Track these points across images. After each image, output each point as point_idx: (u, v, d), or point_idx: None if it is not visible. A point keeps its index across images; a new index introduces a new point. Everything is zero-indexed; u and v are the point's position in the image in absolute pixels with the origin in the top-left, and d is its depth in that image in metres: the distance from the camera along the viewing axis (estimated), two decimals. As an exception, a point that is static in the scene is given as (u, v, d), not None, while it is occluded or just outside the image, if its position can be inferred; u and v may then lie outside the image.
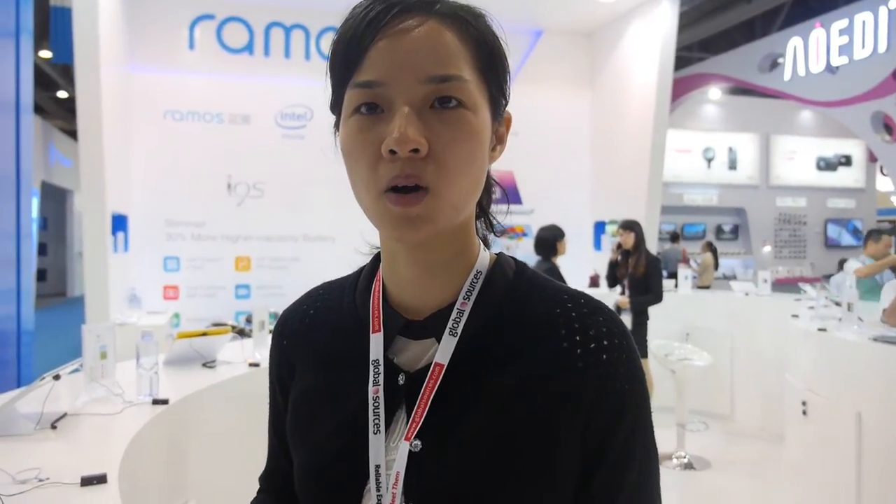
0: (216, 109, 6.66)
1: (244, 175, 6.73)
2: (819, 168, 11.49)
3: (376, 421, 0.67)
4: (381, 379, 0.69)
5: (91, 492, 1.15)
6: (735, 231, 11.37)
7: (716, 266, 9.66)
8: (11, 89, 3.50)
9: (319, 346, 0.76)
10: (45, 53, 9.79)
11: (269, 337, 2.68)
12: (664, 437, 4.62)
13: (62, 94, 13.53)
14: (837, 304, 3.89)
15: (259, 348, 2.62)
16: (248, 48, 6.77)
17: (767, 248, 11.23)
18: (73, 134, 14.82)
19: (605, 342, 0.67)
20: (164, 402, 1.77)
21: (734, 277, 9.98)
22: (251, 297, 6.81)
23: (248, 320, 6.52)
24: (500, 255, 0.75)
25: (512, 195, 5.88)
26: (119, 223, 5.80)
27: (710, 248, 10.10)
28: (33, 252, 3.74)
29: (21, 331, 3.50)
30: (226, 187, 6.72)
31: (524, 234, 7.52)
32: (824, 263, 10.98)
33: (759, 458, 4.72)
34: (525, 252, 7.51)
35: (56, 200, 16.27)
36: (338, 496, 0.68)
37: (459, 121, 0.62)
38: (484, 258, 0.73)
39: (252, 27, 6.74)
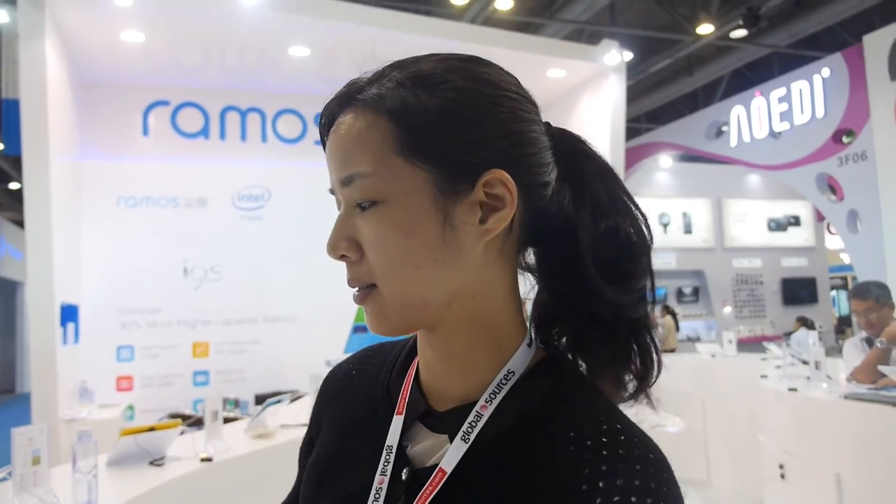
0: (171, 194, 6.58)
1: (201, 258, 6.60)
2: (770, 229, 11.81)
3: None
4: (389, 469, 0.64)
5: None
6: (695, 293, 11.51)
7: (677, 328, 9.70)
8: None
9: (347, 412, 0.74)
10: (-3, 145, 9.65)
11: (224, 428, 2.51)
12: (643, 510, 4.48)
13: (14, 186, 13.31)
14: (803, 361, 3.89)
15: (212, 440, 2.46)
16: (204, 132, 6.76)
17: (728, 309, 11.36)
18: (23, 225, 14.49)
19: (634, 499, 0.53)
20: (104, 508, 1.62)
21: (698, 339, 10.03)
22: (210, 383, 6.56)
23: (207, 409, 6.26)
24: (550, 354, 0.66)
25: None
26: (69, 314, 5.57)
27: (669, 311, 10.16)
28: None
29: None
30: (182, 272, 6.57)
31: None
32: (784, 321, 11.13)
33: (740, 525, 4.61)
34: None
35: (5, 293, 15.76)
36: None
37: (376, 218, 0.59)
38: (523, 355, 0.64)
39: (207, 112, 6.75)
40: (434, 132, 0.59)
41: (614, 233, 0.63)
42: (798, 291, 11.80)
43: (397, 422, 0.66)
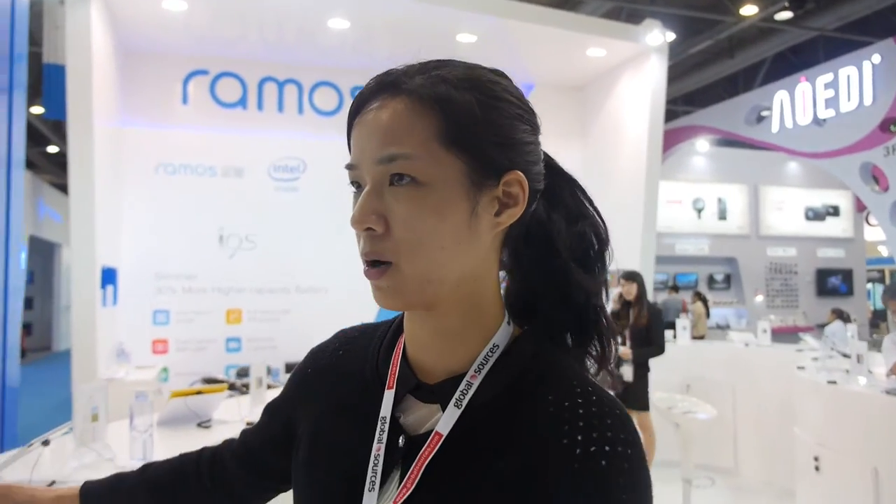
0: (209, 163, 6.66)
1: (236, 227, 6.69)
2: (808, 218, 11.59)
3: (373, 478, 0.69)
4: (385, 437, 0.70)
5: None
6: (727, 280, 11.37)
7: (707, 314, 9.62)
8: (3, 145, 3.45)
9: (338, 391, 0.79)
10: (37, 109, 9.83)
11: (268, 393, 2.56)
12: (669, 493, 4.48)
13: (52, 149, 13.55)
14: (844, 354, 3.83)
15: (256, 406, 2.51)
16: (242, 102, 6.81)
17: (760, 298, 11.22)
18: (62, 188, 14.78)
19: (608, 448, 0.63)
20: (158, 466, 1.66)
21: (728, 327, 9.94)
22: (242, 350, 6.68)
23: (240, 374, 6.37)
24: (526, 330, 0.74)
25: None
26: (108, 276, 5.70)
27: (700, 297, 10.09)
28: (20, 308, 3.64)
29: (6, 388, 3.37)
30: (217, 240, 6.66)
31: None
32: (817, 312, 10.96)
33: (767, 514, 4.60)
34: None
35: (44, 254, 16.14)
36: None
37: (411, 197, 0.65)
38: (505, 332, 0.72)
39: (245, 82, 6.79)
40: (475, 130, 0.66)
41: (582, 236, 0.74)
42: (833, 283, 11.60)
43: (389, 395, 0.72)
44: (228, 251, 6.70)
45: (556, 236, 0.73)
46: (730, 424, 5.25)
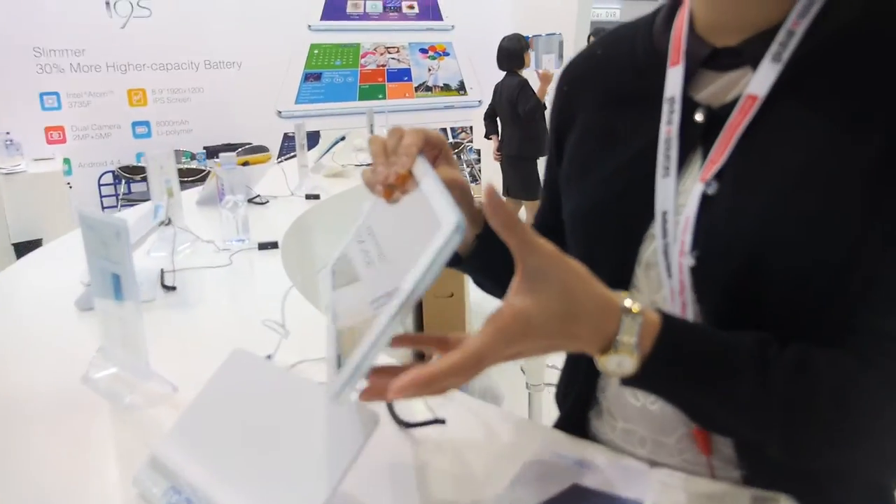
0: None
1: (125, -10, 5.67)
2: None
3: (666, 164, 0.61)
4: (675, 117, 0.62)
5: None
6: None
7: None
8: None
9: (605, 86, 0.71)
10: None
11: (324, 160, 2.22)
12: None
13: None
14: None
15: (304, 177, 2.13)
16: None
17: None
18: None
19: None
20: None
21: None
22: (152, 135, 6.01)
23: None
24: None
25: (433, 11, 5.33)
26: (-25, 52, 4.75)
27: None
28: None
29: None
30: (104, 5, 5.66)
31: (446, 54, 7.02)
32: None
33: None
34: (449, 73, 7.04)
35: None
36: (615, 240, 0.64)
37: None
38: None
39: None
40: None
41: None
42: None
43: (675, 72, 0.63)
44: (119, 20, 5.74)
45: None
46: None
